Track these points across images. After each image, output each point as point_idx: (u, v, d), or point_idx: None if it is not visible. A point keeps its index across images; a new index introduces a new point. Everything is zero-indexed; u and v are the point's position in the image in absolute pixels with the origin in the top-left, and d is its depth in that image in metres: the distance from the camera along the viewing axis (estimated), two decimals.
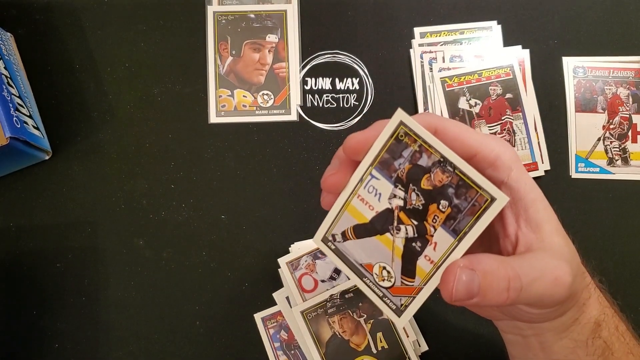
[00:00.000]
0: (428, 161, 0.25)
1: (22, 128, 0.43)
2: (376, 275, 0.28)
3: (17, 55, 0.48)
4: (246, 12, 0.51)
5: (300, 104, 0.50)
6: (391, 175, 0.26)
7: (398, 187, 0.26)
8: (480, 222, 0.25)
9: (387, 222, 0.27)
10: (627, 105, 0.50)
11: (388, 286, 0.28)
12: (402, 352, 0.42)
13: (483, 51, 0.50)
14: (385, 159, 0.26)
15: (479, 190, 0.25)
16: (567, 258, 0.26)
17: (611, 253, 0.47)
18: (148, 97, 0.49)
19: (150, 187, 0.47)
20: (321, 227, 0.29)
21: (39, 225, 0.46)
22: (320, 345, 0.42)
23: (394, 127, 0.25)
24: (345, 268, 0.29)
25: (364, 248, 0.28)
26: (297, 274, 0.44)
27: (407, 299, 0.28)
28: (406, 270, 0.27)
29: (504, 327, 0.33)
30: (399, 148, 0.26)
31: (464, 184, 0.25)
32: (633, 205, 0.48)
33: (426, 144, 0.25)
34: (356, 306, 0.43)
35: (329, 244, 0.29)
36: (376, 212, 0.27)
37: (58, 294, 0.45)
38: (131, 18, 0.51)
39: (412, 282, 0.27)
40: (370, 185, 0.27)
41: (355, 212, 0.28)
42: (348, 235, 0.28)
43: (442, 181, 0.25)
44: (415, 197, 0.26)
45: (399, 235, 0.27)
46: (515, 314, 0.29)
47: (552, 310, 0.28)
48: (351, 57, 0.51)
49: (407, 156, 0.26)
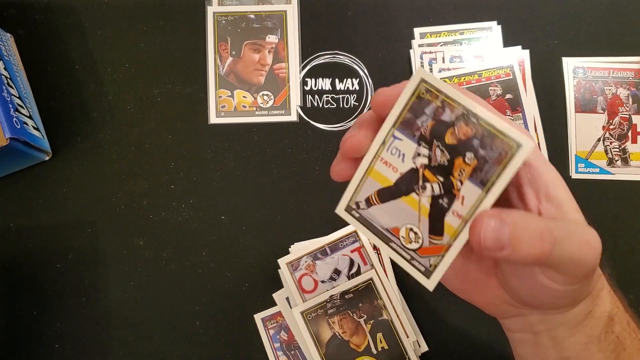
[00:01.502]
0: (451, 115, 0.25)
1: (22, 129, 0.43)
2: (403, 238, 0.28)
3: (17, 56, 0.48)
4: (246, 12, 0.51)
5: (300, 104, 0.50)
6: (414, 134, 0.26)
7: (422, 145, 0.26)
8: (507, 170, 0.25)
9: (412, 182, 0.27)
10: (627, 106, 0.50)
11: (415, 248, 0.28)
12: (402, 352, 0.42)
13: (483, 51, 0.50)
14: (408, 119, 0.26)
15: (505, 138, 0.24)
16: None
17: (611, 253, 0.47)
18: (148, 98, 0.49)
19: (150, 187, 0.47)
20: (344, 196, 0.28)
21: (39, 225, 0.46)
22: (320, 345, 0.42)
23: (414, 86, 0.25)
24: (371, 235, 0.28)
25: (389, 212, 0.28)
26: (297, 274, 0.44)
27: (436, 258, 0.27)
28: (434, 229, 0.27)
29: (512, 325, 0.31)
30: (421, 106, 0.26)
31: (488, 134, 0.25)
32: (633, 205, 0.48)
33: (449, 98, 0.25)
34: (356, 307, 0.43)
35: (352, 212, 0.28)
36: (400, 173, 0.27)
37: (58, 294, 0.45)
38: (131, 18, 0.51)
39: (441, 239, 0.27)
40: (393, 147, 0.27)
41: (378, 176, 0.27)
42: (372, 200, 0.28)
43: (467, 134, 0.25)
44: (440, 153, 0.26)
45: (425, 194, 0.27)
46: (537, 293, 0.27)
47: (578, 287, 0.26)
48: (351, 57, 0.51)
49: (429, 113, 0.26)
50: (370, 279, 0.43)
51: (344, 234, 0.45)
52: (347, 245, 0.45)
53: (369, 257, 0.44)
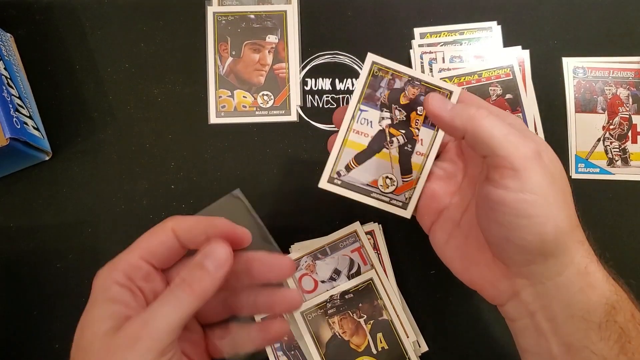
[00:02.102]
0: (400, 83, 0.34)
1: (22, 129, 0.43)
2: (381, 186, 0.35)
3: (17, 56, 0.48)
4: (246, 12, 0.51)
5: (300, 104, 0.50)
6: (376, 104, 0.34)
7: (384, 111, 0.34)
8: None
9: (382, 141, 0.35)
10: (627, 106, 0.50)
11: (392, 190, 0.35)
12: (402, 352, 0.42)
13: (483, 52, 0.50)
14: (369, 93, 0.34)
15: (440, 90, 0.34)
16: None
17: (611, 253, 0.47)
18: (148, 98, 0.49)
19: (150, 187, 0.47)
20: (325, 171, 0.35)
21: (39, 226, 0.46)
22: (320, 345, 0.42)
23: (369, 67, 0.34)
24: (354, 194, 0.35)
25: (367, 169, 0.35)
26: (297, 274, 0.44)
27: (410, 191, 0.35)
28: (404, 170, 0.35)
29: (511, 311, 0.33)
30: (377, 81, 0.34)
31: (429, 90, 0.34)
32: (633, 206, 0.48)
33: (396, 71, 0.34)
34: (356, 307, 0.43)
35: (335, 181, 0.35)
36: (371, 137, 0.34)
37: (58, 294, 0.45)
38: (131, 18, 0.51)
39: (411, 176, 0.35)
40: (361, 118, 0.34)
41: (353, 144, 0.35)
42: (351, 165, 0.35)
43: (415, 94, 0.34)
44: (398, 112, 0.34)
45: (393, 146, 0.35)
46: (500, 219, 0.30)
47: (521, 203, 0.29)
48: (351, 57, 0.51)
49: (384, 85, 0.34)
50: (370, 279, 0.43)
51: (344, 234, 0.45)
52: (347, 245, 0.45)
53: (369, 257, 0.44)
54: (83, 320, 0.31)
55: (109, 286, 0.31)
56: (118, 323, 0.29)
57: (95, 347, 0.29)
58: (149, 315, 0.29)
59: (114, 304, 0.30)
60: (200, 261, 0.30)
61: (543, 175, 0.29)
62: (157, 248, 0.32)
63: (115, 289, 0.31)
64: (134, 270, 0.31)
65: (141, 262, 0.31)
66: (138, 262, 0.31)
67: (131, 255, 0.31)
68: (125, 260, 0.31)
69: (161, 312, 0.29)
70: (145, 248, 0.32)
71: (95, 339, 0.29)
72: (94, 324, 0.30)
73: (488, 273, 0.33)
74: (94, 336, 0.29)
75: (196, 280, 0.30)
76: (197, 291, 0.30)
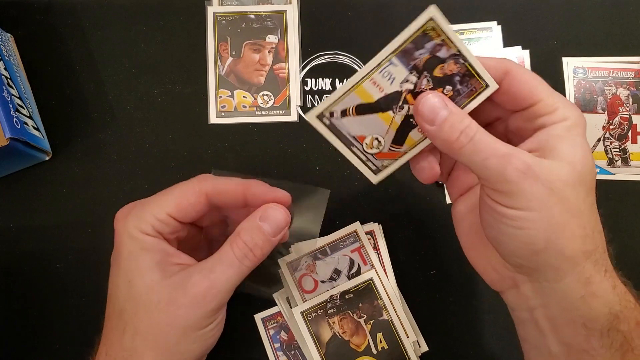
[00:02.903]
0: (446, 53, 0.29)
1: (22, 129, 0.43)
2: (366, 144, 0.32)
3: (17, 56, 0.48)
4: (246, 12, 0.51)
5: (301, 104, 0.50)
6: (409, 63, 0.29)
7: (412, 73, 0.30)
8: (472, 102, 0.30)
9: (393, 102, 0.31)
10: (627, 106, 0.50)
11: (375, 152, 0.32)
12: (402, 352, 0.42)
13: (483, 52, 0.50)
14: (408, 49, 0.29)
15: (479, 79, 0.30)
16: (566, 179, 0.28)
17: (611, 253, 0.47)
18: (148, 98, 0.49)
19: (150, 187, 0.47)
20: (320, 105, 0.31)
21: (39, 226, 0.46)
22: (320, 345, 0.42)
23: (423, 21, 0.29)
24: (335, 140, 0.32)
25: (361, 123, 0.31)
26: (297, 274, 0.44)
27: (390, 161, 0.32)
28: (397, 140, 0.32)
29: (511, 299, 0.33)
30: (423, 40, 0.29)
31: (469, 73, 0.30)
32: (633, 206, 0.48)
33: (449, 39, 0.29)
34: (356, 307, 0.43)
35: (324, 119, 0.31)
36: (385, 93, 0.30)
37: (58, 294, 0.45)
38: (131, 18, 0.51)
39: (400, 148, 0.32)
40: (386, 70, 0.30)
41: (363, 92, 0.30)
42: (349, 112, 0.31)
43: (453, 70, 0.30)
44: (425, 82, 0.30)
45: (400, 112, 0.31)
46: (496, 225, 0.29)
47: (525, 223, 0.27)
48: (351, 57, 0.51)
49: (429, 47, 0.29)
50: (370, 279, 0.43)
51: (344, 234, 0.45)
52: (347, 245, 0.45)
53: (369, 257, 0.44)
54: (125, 268, 0.32)
55: (141, 237, 0.32)
56: (167, 272, 0.31)
57: (154, 298, 0.30)
58: (214, 276, 0.31)
59: (155, 253, 0.31)
60: (262, 226, 0.32)
61: (538, 191, 0.27)
62: (186, 208, 0.33)
63: (148, 239, 0.32)
64: (161, 224, 0.32)
65: (168, 218, 0.32)
66: (165, 218, 0.32)
67: (159, 210, 0.32)
68: (152, 214, 0.32)
69: (226, 274, 0.31)
70: (174, 206, 0.33)
71: (150, 290, 0.30)
72: (143, 273, 0.31)
73: (492, 256, 0.33)
74: (148, 287, 0.30)
75: (258, 246, 0.32)
76: (258, 256, 0.32)
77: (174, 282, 0.31)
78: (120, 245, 0.32)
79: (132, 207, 0.34)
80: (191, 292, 0.30)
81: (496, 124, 0.34)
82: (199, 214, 0.34)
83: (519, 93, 0.29)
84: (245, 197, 0.34)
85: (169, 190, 0.34)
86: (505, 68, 0.29)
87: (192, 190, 0.33)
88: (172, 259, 0.32)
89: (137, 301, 0.31)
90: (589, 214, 0.29)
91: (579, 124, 0.29)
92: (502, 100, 0.31)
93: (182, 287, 0.30)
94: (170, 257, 0.32)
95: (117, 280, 0.32)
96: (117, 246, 0.33)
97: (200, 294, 0.30)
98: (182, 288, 0.30)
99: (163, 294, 0.30)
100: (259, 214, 0.32)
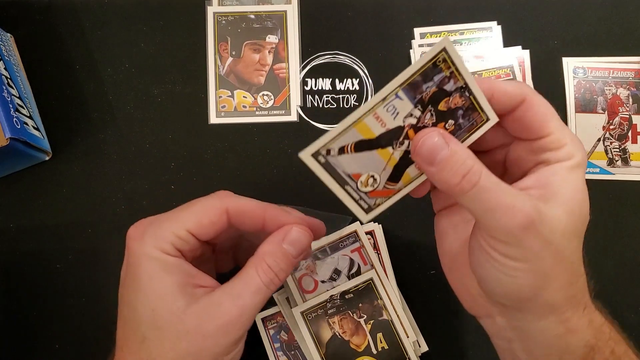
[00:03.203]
0: (452, 86, 0.28)
1: (22, 129, 0.42)
2: (361, 183, 0.29)
3: (17, 56, 0.48)
4: (246, 12, 0.51)
5: (300, 104, 0.50)
6: (415, 97, 0.27)
7: (417, 107, 0.28)
8: (473, 136, 0.29)
9: (394, 138, 0.28)
10: (627, 106, 0.50)
11: (369, 191, 0.30)
12: (402, 352, 0.42)
13: (483, 52, 0.50)
14: (416, 82, 0.27)
15: (481, 113, 0.29)
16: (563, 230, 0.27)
17: (611, 253, 0.47)
18: (148, 98, 0.49)
19: (150, 187, 0.47)
20: (317, 142, 0.28)
21: (39, 226, 0.46)
22: (320, 345, 0.42)
23: (436, 52, 0.26)
24: (328, 179, 0.29)
25: (358, 160, 0.29)
26: (297, 274, 0.44)
27: (382, 199, 0.30)
28: (393, 177, 0.30)
29: (488, 327, 0.33)
30: (433, 72, 0.27)
31: (472, 107, 0.28)
32: (633, 206, 0.48)
33: (457, 71, 0.27)
34: (356, 307, 0.43)
35: (319, 158, 0.28)
36: (387, 128, 0.28)
37: (58, 294, 0.45)
38: (131, 18, 0.51)
39: (394, 185, 0.30)
40: (391, 104, 0.27)
41: (364, 128, 0.28)
42: (347, 150, 0.28)
43: (457, 104, 0.28)
44: (429, 116, 0.28)
45: (400, 148, 0.29)
46: (485, 264, 0.28)
47: (517, 268, 0.27)
48: (351, 57, 0.51)
49: (437, 80, 0.27)
50: (371, 279, 0.43)
51: (344, 234, 0.45)
52: (347, 245, 0.44)
53: (369, 257, 0.44)
54: (147, 293, 0.29)
55: (163, 258, 0.30)
56: (191, 297, 0.29)
57: (180, 328, 0.28)
58: (242, 303, 0.29)
59: (177, 275, 0.30)
60: (286, 249, 0.31)
61: (536, 244, 0.26)
62: (207, 226, 0.31)
63: (170, 260, 0.30)
64: (181, 242, 0.30)
65: (188, 236, 0.31)
66: (185, 235, 0.31)
67: (178, 226, 0.30)
68: (171, 231, 0.30)
69: (254, 300, 0.29)
70: (194, 222, 0.31)
71: (175, 319, 0.29)
72: (167, 299, 0.29)
73: (470, 284, 0.32)
74: (173, 315, 0.29)
75: (283, 270, 0.30)
76: (282, 280, 0.31)
77: (200, 310, 0.29)
78: (138, 267, 0.30)
79: (148, 225, 0.31)
80: (220, 320, 0.29)
81: (496, 150, 0.33)
82: (217, 232, 0.32)
83: (532, 123, 0.28)
84: (265, 220, 0.32)
85: (187, 206, 0.32)
86: (523, 95, 0.28)
87: (213, 207, 0.31)
88: (194, 280, 0.30)
89: (162, 330, 0.29)
90: (577, 262, 0.29)
91: (581, 164, 0.28)
92: (512, 127, 0.30)
93: (210, 315, 0.29)
94: (193, 279, 0.30)
95: (136, 305, 0.29)
96: (134, 268, 0.30)
97: (230, 323, 0.29)
98: (210, 316, 0.29)
99: (190, 324, 0.28)
100: (281, 236, 0.31)
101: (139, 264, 0.29)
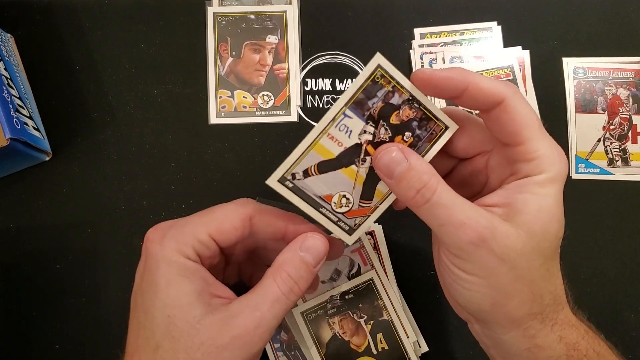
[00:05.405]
0: (399, 100, 0.28)
1: (22, 129, 0.42)
2: (334, 204, 0.30)
3: (17, 56, 0.48)
4: (246, 13, 0.51)
5: (301, 104, 0.50)
6: (364, 114, 0.28)
7: (369, 124, 0.29)
8: (435, 146, 0.30)
9: (354, 156, 0.29)
10: (627, 106, 0.50)
11: (345, 211, 0.31)
12: (402, 352, 0.42)
13: (483, 52, 0.50)
14: (360, 100, 0.28)
15: (437, 122, 0.29)
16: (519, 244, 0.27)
17: (611, 253, 0.47)
18: (148, 98, 0.49)
19: (150, 187, 0.47)
20: (279, 169, 0.29)
21: (39, 226, 0.46)
22: (320, 346, 0.42)
23: (372, 70, 0.28)
24: (301, 203, 0.30)
25: (325, 182, 0.30)
26: None
27: (362, 218, 0.31)
28: (365, 194, 0.31)
29: (472, 332, 0.33)
30: (374, 89, 0.28)
31: (426, 117, 0.29)
32: (633, 206, 0.48)
33: (399, 85, 0.28)
34: (356, 307, 0.43)
35: (286, 183, 0.30)
36: (344, 147, 0.29)
37: (58, 294, 0.45)
38: (131, 18, 0.51)
39: (369, 203, 0.31)
40: (342, 124, 0.29)
41: (322, 149, 0.29)
42: (311, 172, 0.30)
43: (409, 116, 0.29)
44: (384, 131, 0.29)
45: (364, 165, 0.30)
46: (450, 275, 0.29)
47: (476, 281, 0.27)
48: (351, 57, 0.51)
49: (380, 96, 0.28)
50: (371, 280, 0.43)
51: None
52: (347, 245, 0.44)
53: (369, 258, 0.44)
54: (164, 300, 0.28)
55: (182, 261, 0.29)
56: (208, 307, 0.28)
57: (196, 340, 0.27)
58: (260, 315, 0.28)
59: (195, 282, 0.29)
60: (304, 257, 0.30)
61: (488, 261, 0.27)
62: (229, 231, 0.30)
63: (190, 265, 0.29)
64: (202, 247, 0.30)
65: (209, 240, 0.30)
66: (207, 240, 0.30)
67: (200, 230, 0.30)
68: (193, 236, 0.30)
69: (272, 311, 0.29)
70: (216, 228, 0.30)
71: (192, 329, 0.28)
72: (184, 308, 0.28)
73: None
74: (190, 326, 0.28)
75: (303, 278, 0.30)
76: (302, 289, 0.30)
77: (217, 322, 0.28)
78: (156, 271, 0.29)
79: (168, 228, 0.30)
80: (235, 332, 0.28)
81: (478, 157, 0.32)
82: (238, 239, 0.31)
83: (506, 128, 0.27)
84: (286, 229, 0.32)
85: (208, 211, 0.31)
86: (502, 95, 0.27)
87: (236, 213, 0.31)
88: (212, 289, 0.29)
89: (177, 340, 0.28)
90: (541, 281, 0.28)
91: (555, 179, 0.27)
92: (491, 128, 0.29)
93: (227, 327, 0.28)
94: (210, 288, 0.29)
95: (152, 310, 0.28)
96: (152, 272, 0.29)
97: (248, 336, 0.28)
98: (227, 329, 0.28)
99: (206, 335, 0.27)
100: (299, 244, 0.30)
101: (157, 267, 0.29)
